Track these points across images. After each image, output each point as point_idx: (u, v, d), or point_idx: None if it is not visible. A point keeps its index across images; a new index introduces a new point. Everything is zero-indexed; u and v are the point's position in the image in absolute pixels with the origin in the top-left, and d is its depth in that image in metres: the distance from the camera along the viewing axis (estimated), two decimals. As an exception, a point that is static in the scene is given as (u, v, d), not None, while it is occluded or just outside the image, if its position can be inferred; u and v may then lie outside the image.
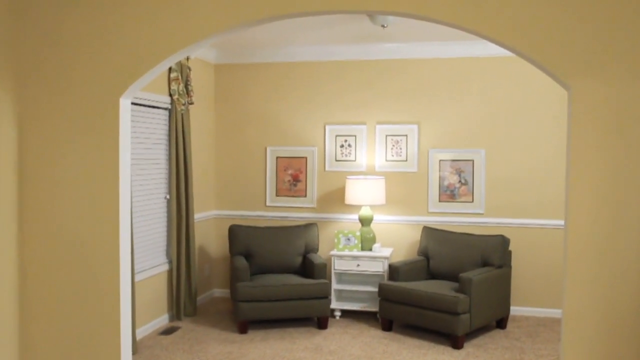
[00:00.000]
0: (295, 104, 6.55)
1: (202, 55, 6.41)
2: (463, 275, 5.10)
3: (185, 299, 5.97)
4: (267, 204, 6.66)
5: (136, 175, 5.26)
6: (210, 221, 6.76)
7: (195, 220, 6.32)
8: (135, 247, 5.25)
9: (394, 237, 6.31)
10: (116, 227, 3.65)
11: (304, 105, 6.52)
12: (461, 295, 4.99)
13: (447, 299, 5.01)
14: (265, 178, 6.67)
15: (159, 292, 5.64)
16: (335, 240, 6.00)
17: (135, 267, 5.26)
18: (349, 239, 5.99)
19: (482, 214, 6.09)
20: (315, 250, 6.10)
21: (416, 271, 5.71)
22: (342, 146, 6.43)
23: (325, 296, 5.51)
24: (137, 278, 5.23)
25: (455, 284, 5.47)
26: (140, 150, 5.32)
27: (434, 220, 6.19)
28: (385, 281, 5.54)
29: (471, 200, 6.11)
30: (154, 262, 5.58)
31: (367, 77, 6.34)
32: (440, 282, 5.55)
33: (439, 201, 6.19)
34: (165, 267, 5.74)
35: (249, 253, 5.96)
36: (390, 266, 5.62)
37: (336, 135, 6.44)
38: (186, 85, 5.92)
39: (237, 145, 6.75)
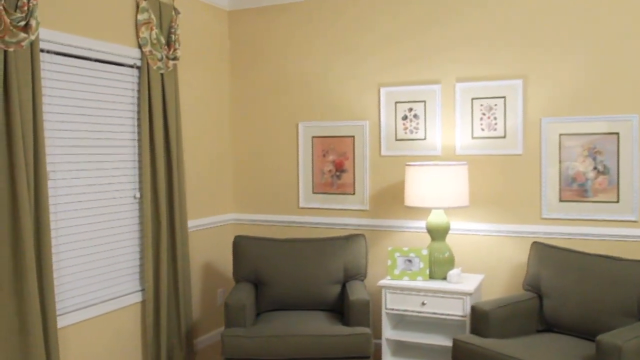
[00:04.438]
0: (336, 59, 4.47)
1: (206, -5, 4.54)
2: (604, 338, 2.78)
3: (171, 342, 4.11)
4: (301, 204, 4.64)
5: (81, 162, 3.45)
6: (227, 228, 4.86)
7: (201, 227, 4.46)
8: (64, 272, 3.44)
9: (484, 259, 4.05)
10: None
11: (349, 61, 4.43)
12: (601, 378, 2.69)
13: (573, 383, 2.73)
14: (297, 168, 4.66)
15: (125, 336, 3.82)
16: (389, 263, 3.86)
17: (68, 302, 3.44)
18: (410, 261, 3.83)
19: (635, 222, 3.68)
20: (360, 276, 4.00)
21: (520, 318, 3.44)
22: (405, 118, 4.27)
23: (365, 355, 3.41)
24: (69, 320, 3.40)
25: (590, 347, 3.14)
26: (90, 126, 3.51)
27: (552, 232, 3.86)
28: (465, 335, 3.33)
29: (615, 199, 3.72)
30: (114, 292, 3.76)
31: (440, 10, 4.13)
32: (563, 342, 3.24)
33: (560, 201, 3.85)
34: (137, 297, 3.90)
35: (260, 279, 3.98)
36: (474, 309, 3.40)
37: (396, 102, 4.29)
38: (169, 34, 4.05)
39: (259, 122, 4.79)
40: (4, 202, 2.94)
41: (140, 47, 3.86)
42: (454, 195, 3.72)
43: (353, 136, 4.44)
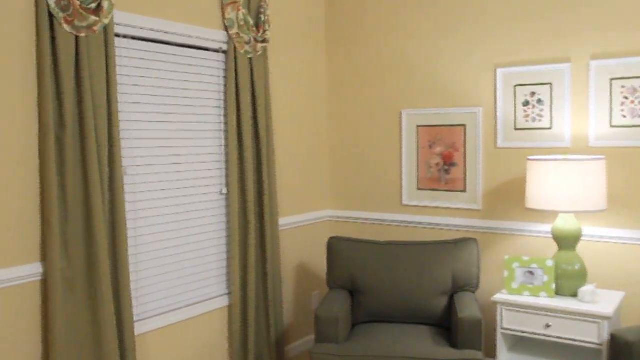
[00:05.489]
0: (445, 38, 3.92)
1: (299, -29, 4.14)
2: None
3: (260, 350, 3.79)
4: (404, 202, 4.15)
5: (161, 156, 3.19)
6: (322, 226, 4.48)
7: (294, 225, 4.11)
8: (143, 275, 3.19)
9: (625, 273, 3.36)
10: None
11: (460, 39, 3.86)
12: None
13: None
14: (400, 161, 4.17)
15: (210, 344, 3.55)
16: (506, 274, 3.29)
17: (147, 307, 3.20)
18: (531, 273, 3.24)
19: None
20: (471, 287, 3.46)
21: (674, 351, 2.77)
22: (526, 103, 3.65)
23: (476, 385, 2.90)
24: (148, 327, 3.17)
25: None
26: (170, 117, 3.23)
27: None
28: (603, 369, 2.72)
29: None
30: (198, 296, 3.49)
31: (574, -26, 3.46)
32: None
33: None
34: (223, 301, 3.62)
35: (356, 287, 3.55)
36: (615, 339, 2.77)
37: (515, 85, 3.68)
38: (258, 14, 3.70)
39: (358, 110, 4.34)
40: (76, 201, 2.72)
41: (226, 29, 3.53)
42: (588, 197, 3.08)
43: (464, 125, 3.88)
